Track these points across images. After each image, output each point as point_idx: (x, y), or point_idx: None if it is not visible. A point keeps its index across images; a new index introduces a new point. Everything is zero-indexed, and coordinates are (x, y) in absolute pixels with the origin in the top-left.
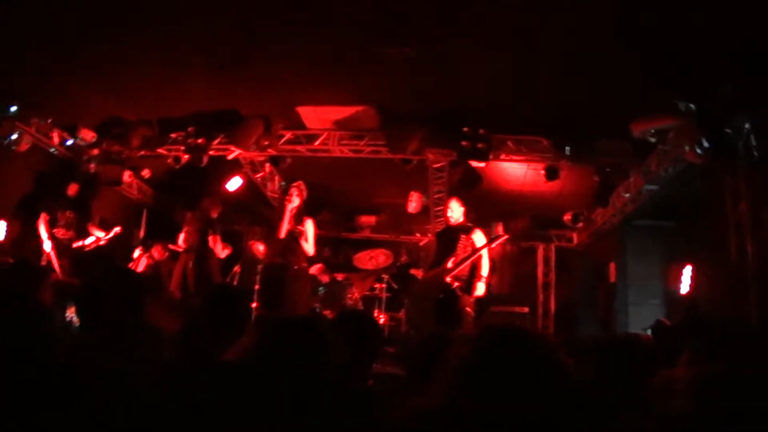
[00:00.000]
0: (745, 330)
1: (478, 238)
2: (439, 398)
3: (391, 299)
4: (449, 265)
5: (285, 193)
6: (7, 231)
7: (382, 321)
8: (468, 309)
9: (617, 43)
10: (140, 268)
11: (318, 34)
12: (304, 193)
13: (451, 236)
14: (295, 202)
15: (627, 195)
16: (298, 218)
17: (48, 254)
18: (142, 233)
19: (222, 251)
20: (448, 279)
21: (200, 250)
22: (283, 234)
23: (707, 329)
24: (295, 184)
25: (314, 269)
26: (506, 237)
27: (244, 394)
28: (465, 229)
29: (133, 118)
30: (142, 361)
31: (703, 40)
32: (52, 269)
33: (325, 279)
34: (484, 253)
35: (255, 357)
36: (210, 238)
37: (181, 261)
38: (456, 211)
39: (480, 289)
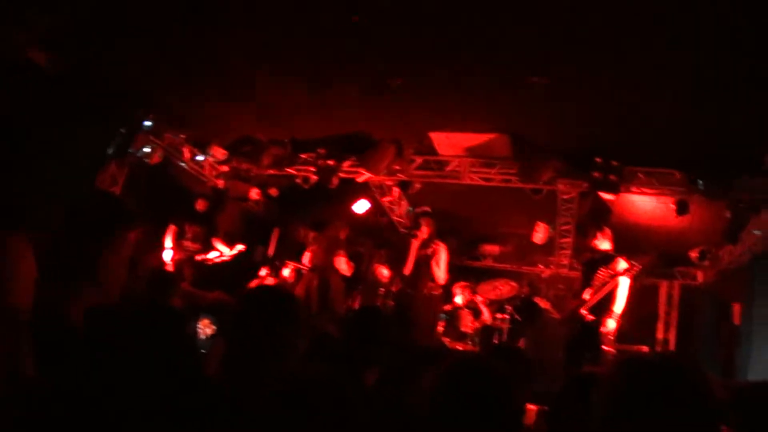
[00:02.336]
0: None
1: (621, 267)
2: None
3: (513, 330)
4: (585, 296)
5: (414, 226)
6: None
7: None
8: (606, 347)
9: (757, 76)
10: None
11: (456, 60)
12: (431, 222)
13: (591, 266)
14: (423, 235)
15: (758, 233)
16: (428, 243)
17: (166, 264)
18: (271, 251)
19: (348, 269)
20: (583, 312)
21: (324, 271)
22: (408, 270)
23: None
24: (422, 210)
25: (457, 286)
26: (639, 267)
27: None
28: (607, 258)
29: (264, 139)
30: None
31: None
32: (181, 276)
33: (464, 299)
34: (622, 286)
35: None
36: (337, 258)
37: (304, 280)
38: (602, 242)
39: (609, 325)
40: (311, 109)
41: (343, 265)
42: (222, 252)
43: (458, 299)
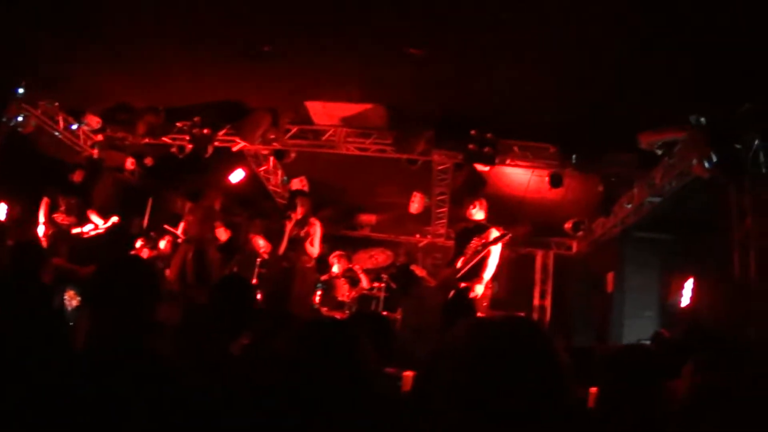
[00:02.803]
0: (746, 345)
1: (493, 237)
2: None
3: (389, 299)
4: (458, 265)
5: (290, 207)
6: (7, 213)
7: None
8: (480, 313)
9: (631, 55)
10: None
11: (333, 30)
12: (306, 188)
13: (465, 236)
14: (298, 216)
15: (629, 206)
16: (303, 222)
17: (40, 239)
18: (145, 223)
19: (224, 235)
20: (456, 279)
21: (200, 242)
22: (281, 250)
23: (710, 342)
24: (297, 189)
25: (333, 255)
26: (510, 235)
27: (270, 390)
28: (480, 229)
29: (140, 106)
30: (145, 352)
31: (721, 55)
32: (56, 251)
33: (341, 268)
34: (493, 255)
35: (290, 354)
36: (212, 229)
37: (180, 251)
38: (477, 212)
39: (478, 290)
40: (185, 76)
41: (222, 234)
42: (97, 225)
43: (335, 269)
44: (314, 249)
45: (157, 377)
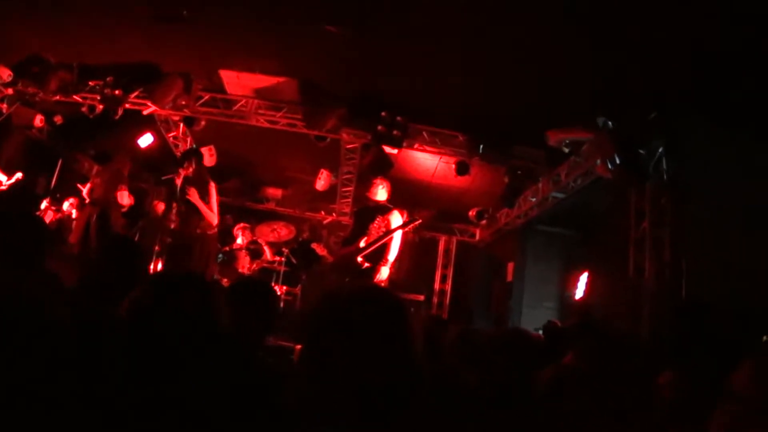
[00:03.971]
0: (630, 341)
1: (395, 219)
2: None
3: (289, 274)
4: (361, 244)
5: (179, 164)
6: None
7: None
8: None
9: (549, 52)
10: (48, 220)
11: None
12: (214, 157)
13: (367, 215)
14: (186, 171)
15: (533, 199)
16: (202, 184)
17: None
18: (53, 183)
19: (126, 200)
20: (359, 259)
21: (105, 205)
22: (174, 208)
23: (595, 333)
24: (206, 148)
25: (238, 227)
26: (419, 221)
27: (129, 349)
28: (383, 209)
29: (54, 61)
30: (36, 311)
31: (635, 63)
32: None
33: (245, 240)
34: (397, 237)
35: (142, 310)
36: (118, 192)
37: (84, 213)
38: (380, 191)
39: (383, 273)
40: (102, 34)
41: (125, 199)
42: (0, 181)
43: (239, 240)
44: (213, 215)
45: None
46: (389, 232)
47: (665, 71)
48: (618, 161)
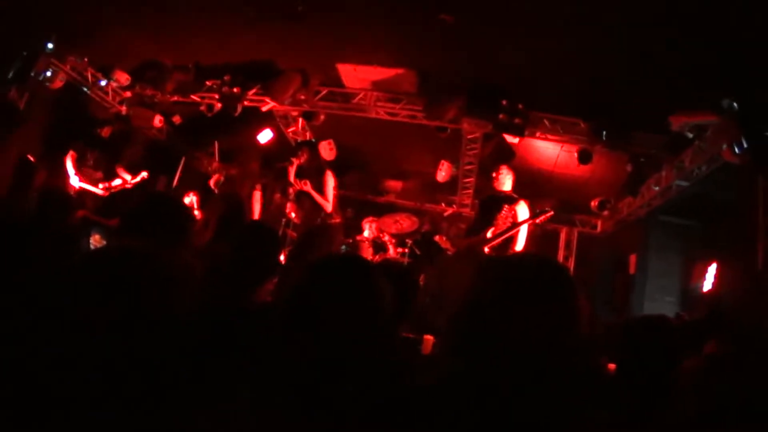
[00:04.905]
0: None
1: (522, 210)
2: None
3: (412, 265)
4: (488, 235)
5: (292, 153)
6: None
7: None
8: None
9: (670, 34)
10: None
11: None
12: (334, 151)
13: (494, 205)
14: (300, 161)
15: (657, 188)
16: (318, 173)
17: (76, 189)
18: (175, 181)
19: (258, 203)
20: (486, 249)
21: (236, 200)
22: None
23: (728, 326)
24: (326, 142)
25: (366, 220)
26: (551, 213)
27: (282, 336)
28: (510, 199)
29: (170, 63)
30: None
31: (759, 43)
32: (82, 203)
33: (372, 234)
34: (524, 228)
35: (300, 296)
36: (252, 192)
37: (211, 208)
38: (506, 180)
39: None
40: (216, 35)
41: (257, 201)
42: (125, 180)
43: (366, 233)
44: (327, 203)
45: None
46: (518, 224)
47: None
48: (745, 145)
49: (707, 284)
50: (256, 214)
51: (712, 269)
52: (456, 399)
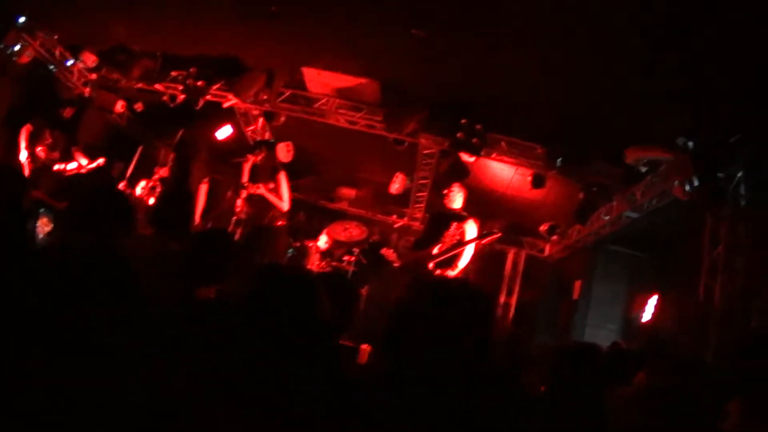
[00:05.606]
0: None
1: (470, 229)
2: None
3: (357, 274)
4: (435, 251)
5: (250, 150)
6: None
7: None
8: None
9: (635, 70)
10: None
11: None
12: (292, 153)
13: (442, 222)
14: (255, 159)
15: (607, 218)
16: (272, 173)
17: (22, 164)
18: (131, 170)
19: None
20: (430, 265)
21: (180, 192)
22: (244, 179)
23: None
24: (284, 144)
25: (327, 230)
26: (499, 235)
27: (230, 332)
28: (459, 217)
29: (138, 50)
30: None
31: (721, 84)
32: (37, 184)
33: (328, 244)
34: (470, 247)
35: (251, 299)
36: (199, 185)
37: (157, 194)
38: (457, 198)
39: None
40: (188, 26)
41: (203, 194)
42: (81, 164)
43: (322, 242)
44: (283, 203)
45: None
46: (465, 242)
47: (751, 94)
48: (696, 183)
49: (647, 315)
50: (200, 207)
51: (652, 301)
52: (380, 394)
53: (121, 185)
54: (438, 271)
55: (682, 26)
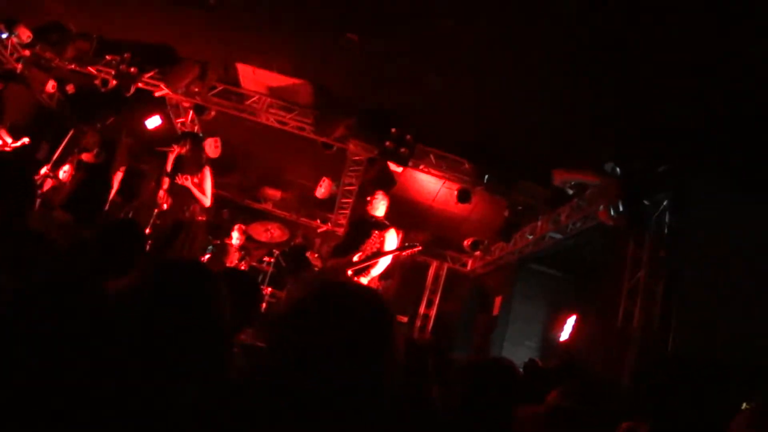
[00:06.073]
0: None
1: (390, 238)
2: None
3: (276, 275)
4: (354, 259)
5: (176, 141)
6: None
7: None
8: None
9: (563, 89)
10: (45, 187)
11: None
12: (219, 149)
13: (364, 229)
14: (181, 150)
15: (530, 237)
16: (197, 167)
17: None
18: (59, 152)
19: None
20: (349, 272)
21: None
22: (168, 166)
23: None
24: (212, 139)
25: (238, 227)
26: (419, 248)
27: (124, 324)
28: (380, 225)
29: (74, 30)
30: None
31: (652, 113)
32: None
33: (240, 241)
34: (387, 257)
35: (143, 290)
36: (114, 173)
37: (76, 179)
38: (380, 205)
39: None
40: (127, 10)
41: (116, 182)
42: (5, 142)
43: (234, 240)
44: (206, 198)
45: None
46: (385, 252)
47: (680, 125)
48: (621, 209)
49: (564, 334)
50: (111, 195)
51: (571, 321)
52: (264, 387)
53: (45, 168)
54: (355, 278)
55: (615, 53)
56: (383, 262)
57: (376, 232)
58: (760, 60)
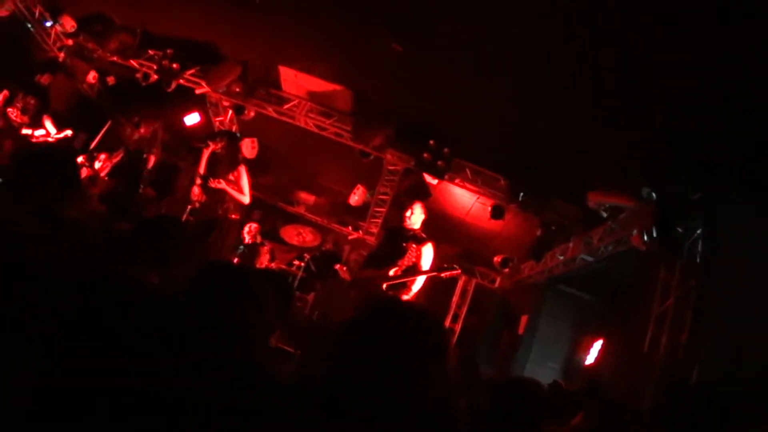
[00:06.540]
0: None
1: (427, 252)
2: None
3: (305, 280)
4: (391, 273)
5: (211, 137)
6: None
7: None
8: None
9: (604, 111)
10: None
11: (330, 3)
12: (256, 150)
13: (400, 241)
14: (215, 147)
15: (561, 257)
16: (232, 165)
17: None
18: (95, 142)
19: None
20: (384, 286)
21: (136, 174)
22: (202, 169)
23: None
24: (250, 139)
25: (247, 229)
26: (458, 272)
27: (177, 319)
28: (417, 239)
29: (118, 22)
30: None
31: (691, 141)
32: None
33: (249, 240)
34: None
35: (197, 287)
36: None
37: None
38: (417, 217)
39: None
40: (172, 6)
41: (150, 163)
42: (49, 132)
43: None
44: (244, 196)
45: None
46: (423, 272)
47: (719, 153)
48: (654, 235)
49: (590, 358)
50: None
51: (597, 345)
52: (310, 397)
53: (81, 157)
54: (391, 293)
55: (662, 81)
56: (420, 281)
57: (414, 245)
58: None
